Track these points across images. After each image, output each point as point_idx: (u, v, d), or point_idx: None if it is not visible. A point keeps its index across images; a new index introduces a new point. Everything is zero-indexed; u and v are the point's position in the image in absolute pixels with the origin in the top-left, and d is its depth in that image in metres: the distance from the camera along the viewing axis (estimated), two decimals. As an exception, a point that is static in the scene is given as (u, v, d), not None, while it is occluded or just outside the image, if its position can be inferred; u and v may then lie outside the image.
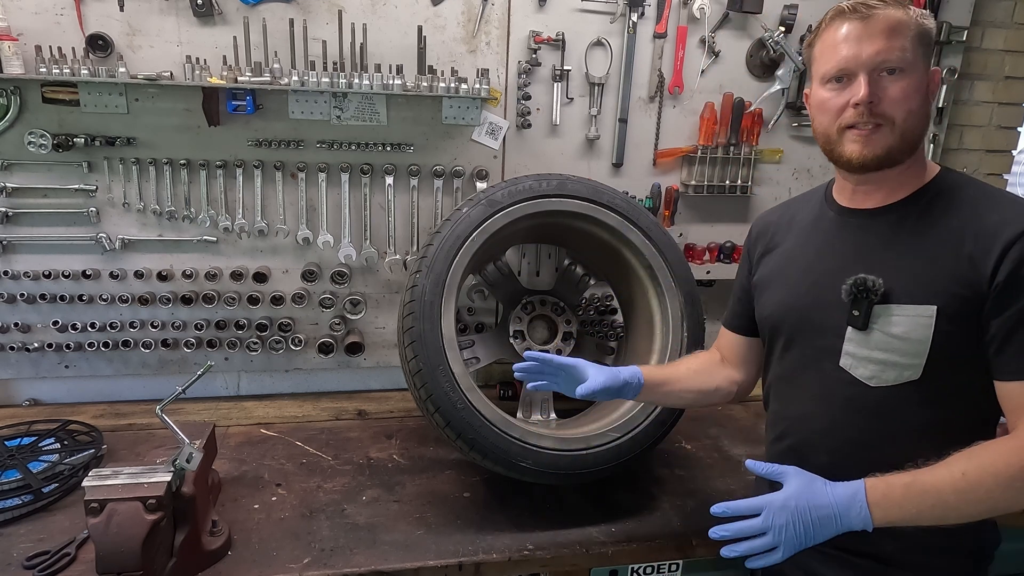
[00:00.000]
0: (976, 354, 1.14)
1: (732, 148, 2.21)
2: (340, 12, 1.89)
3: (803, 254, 1.35)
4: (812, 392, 1.31)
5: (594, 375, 1.38)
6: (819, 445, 1.28)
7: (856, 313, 1.20)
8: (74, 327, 2.00)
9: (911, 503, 1.10)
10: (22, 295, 1.95)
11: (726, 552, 1.17)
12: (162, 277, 2.01)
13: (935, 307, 1.13)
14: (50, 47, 1.77)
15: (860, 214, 1.26)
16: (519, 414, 1.94)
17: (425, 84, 1.92)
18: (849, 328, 1.22)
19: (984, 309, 1.11)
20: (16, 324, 1.98)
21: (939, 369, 1.16)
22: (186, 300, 2.03)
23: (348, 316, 2.17)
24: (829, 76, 1.19)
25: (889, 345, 1.18)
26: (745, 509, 1.17)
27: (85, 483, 1.32)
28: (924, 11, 1.20)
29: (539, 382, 1.44)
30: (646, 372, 1.43)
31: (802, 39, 2.14)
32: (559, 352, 2.01)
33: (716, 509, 1.18)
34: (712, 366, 1.55)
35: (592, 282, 2.13)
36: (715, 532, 1.18)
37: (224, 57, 1.86)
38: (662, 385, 1.46)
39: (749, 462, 1.25)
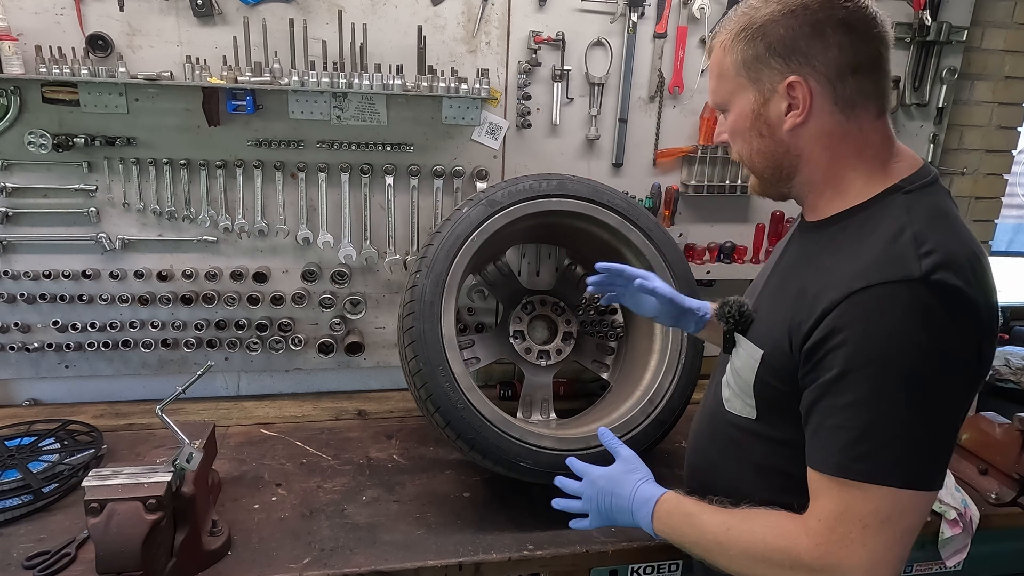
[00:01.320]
0: None
1: (732, 148, 2.21)
2: (340, 12, 1.89)
3: (769, 260, 1.32)
4: (704, 398, 1.35)
5: (662, 286, 1.41)
6: (690, 453, 1.34)
7: (725, 335, 1.21)
8: (74, 327, 2.00)
9: (682, 532, 1.11)
10: (22, 295, 1.95)
11: (554, 503, 1.26)
12: (162, 277, 2.01)
13: (762, 352, 1.09)
14: (50, 47, 1.77)
15: (801, 227, 1.18)
16: (519, 414, 1.94)
17: (425, 84, 1.92)
18: None
19: (798, 374, 1.01)
20: (16, 324, 1.98)
21: (772, 414, 1.11)
22: (186, 300, 2.03)
23: (348, 316, 2.17)
24: None
25: (733, 375, 1.17)
26: (575, 471, 1.26)
27: (85, 483, 1.32)
28: (748, 26, 1.02)
29: (611, 294, 1.48)
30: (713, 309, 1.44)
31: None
32: (559, 352, 2.01)
33: (568, 461, 1.29)
34: None
35: (592, 282, 2.13)
36: (557, 480, 1.27)
37: (224, 57, 1.86)
38: None
39: (601, 430, 1.32)
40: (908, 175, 1.02)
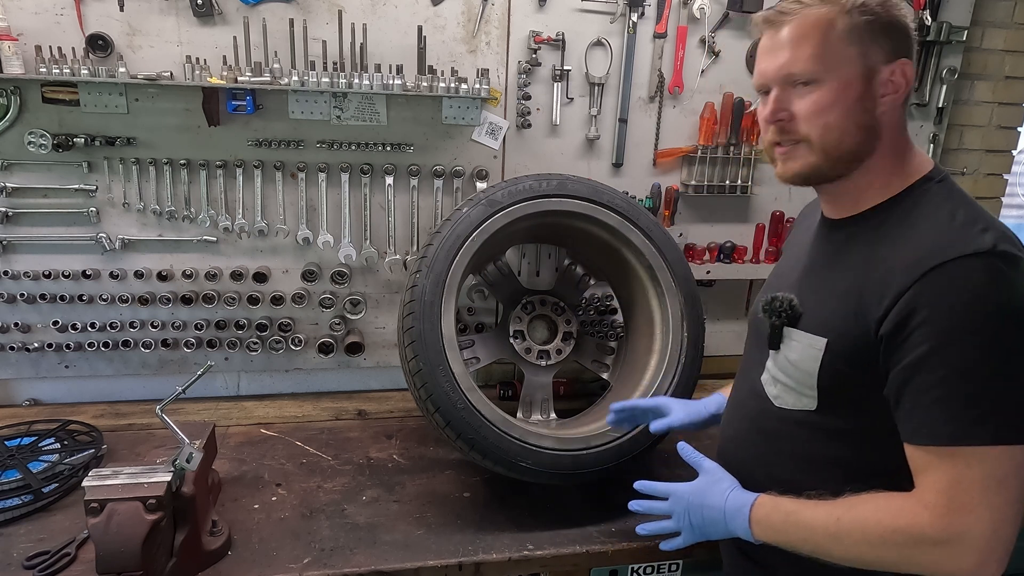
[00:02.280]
0: (881, 398, 1.06)
1: (732, 148, 2.21)
2: (340, 12, 1.89)
3: (787, 260, 1.34)
4: (738, 399, 1.34)
5: (676, 410, 1.47)
6: (729, 453, 1.31)
7: (770, 331, 1.19)
8: (74, 327, 2.00)
9: (787, 532, 1.11)
10: (22, 295, 1.95)
11: (640, 529, 1.28)
12: (162, 277, 2.01)
13: (825, 340, 1.09)
14: (50, 47, 1.77)
15: (827, 225, 1.21)
16: (519, 414, 1.94)
17: (425, 84, 1.92)
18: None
19: (879, 357, 1.03)
20: (16, 324, 1.98)
21: (835, 404, 1.11)
22: (186, 300, 2.03)
23: (348, 316, 2.17)
24: (757, 91, 1.16)
25: (787, 370, 1.16)
26: (657, 492, 1.26)
27: (85, 483, 1.32)
28: (868, 3, 1.05)
29: (633, 427, 1.55)
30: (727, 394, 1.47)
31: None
32: (559, 352, 2.01)
33: (637, 484, 1.28)
34: None
35: (592, 282, 2.13)
36: (632, 505, 1.28)
37: (224, 57, 1.86)
38: None
39: (679, 444, 1.30)
40: (931, 168, 1.11)
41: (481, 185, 2.09)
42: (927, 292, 0.96)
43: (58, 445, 1.80)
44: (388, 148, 2.04)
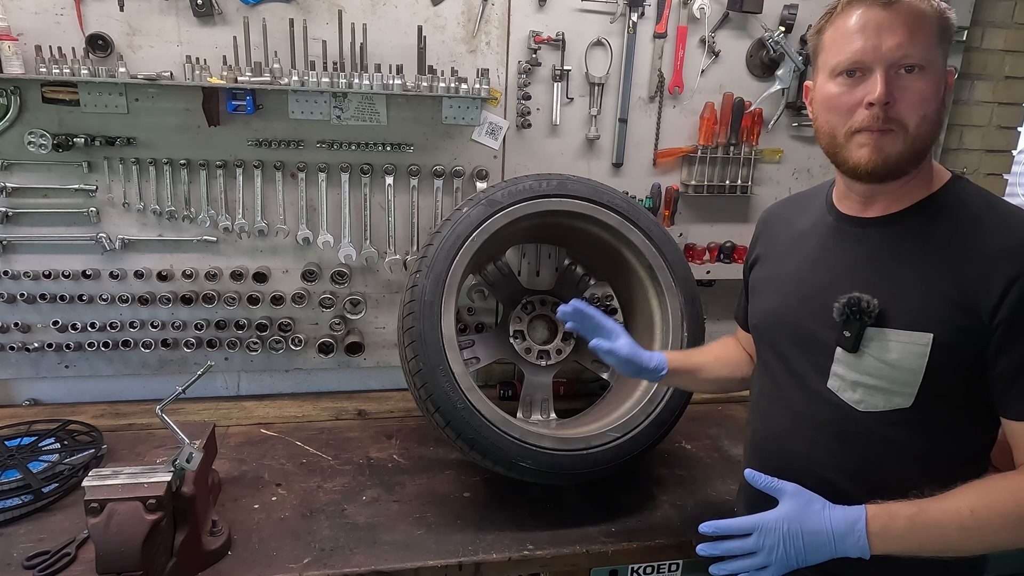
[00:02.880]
0: (972, 384, 1.08)
1: (732, 148, 2.21)
2: (340, 12, 1.89)
3: (796, 262, 1.27)
4: (795, 411, 1.24)
5: (622, 343, 1.38)
6: (800, 469, 1.20)
7: (847, 334, 1.12)
8: (74, 327, 2.00)
9: (913, 537, 1.06)
10: (22, 295, 1.95)
11: (716, 570, 1.16)
12: (162, 277, 2.01)
13: (931, 335, 1.06)
14: (50, 47, 1.77)
15: (859, 223, 1.18)
16: (519, 414, 1.94)
17: (425, 84, 1.92)
18: (839, 349, 1.15)
19: (987, 343, 1.04)
20: (16, 324, 1.98)
21: (932, 398, 1.09)
22: (186, 300, 2.03)
23: (348, 316, 2.17)
24: (841, 69, 1.07)
25: (880, 371, 1.11)
26: (736, 529, 1.14)
27: (85, 483, 1.32)
28: (945, 3, 1.08)
29: (576, 327, 1.40)
30: (672, 359, 1.43)
31: (802, 39, 2.14)
32: (559, 352, 2.01)
33: (705, 528, 1.16)
34: (736, 353, 1.53)
35: (592, 282, 2.13)
36: (704, 549, 1.16)
37: (224, 57, 1.86)
38: (690, 372, 1.48)
39: (748, 472, 1.21)
40: (948, 169, 1.18)
41: (481, 185, 2.09)
42: None
43: (58, 445, 1.80)
44: (388, 148, 2.04)
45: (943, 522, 1.04)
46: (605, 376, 2.08)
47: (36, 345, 2.00)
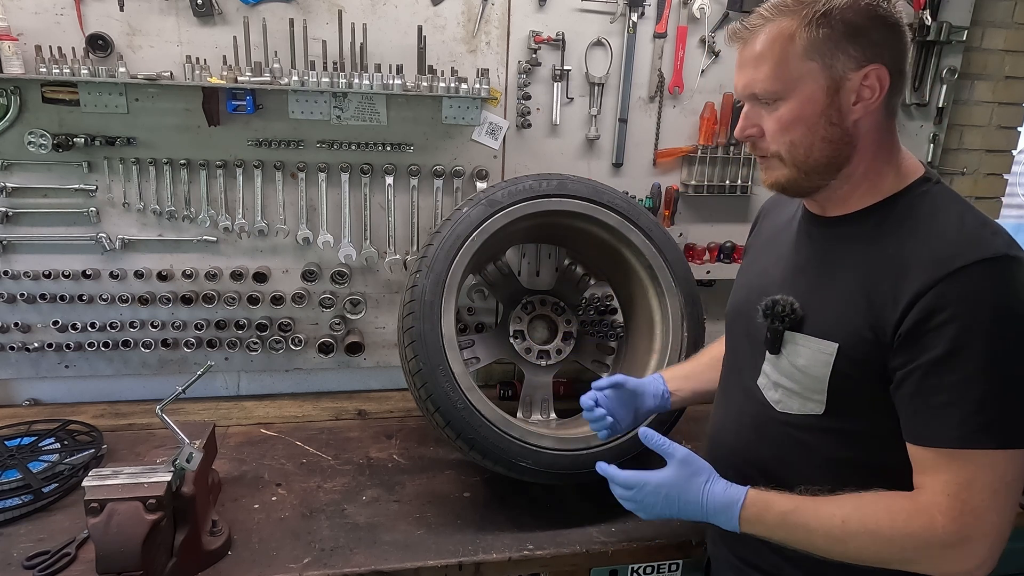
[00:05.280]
0: (880, 398, 1.05)
1: (732, 148, 2.21)
2: (340, 12, 1.89)
3: (765, 255, 1.29)
4: (733, 405, 1.29)
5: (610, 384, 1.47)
6: (727, 461, 1.25)
7: (768, 336, 1.15)
8: (74, 327, 2.00)
9: (781, 531, 1.09)
10: (22, 295, 1.95)
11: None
12: (162, 277, 2.01)
13: (837, 345, 1.05)
14: (50, 47, 1.77)
15: (818, 223, 1.17)
16: (519, 414, 1.94)
17: (425, 84, 1.92)
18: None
19: (889, 358, 1.02)
20: (16, 324, 1.98)
21: (844, 407, 1.09)
22: (186, 300, 2.03)
23: (348, 316, 2.17)
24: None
25: (793, 375, 1.12)
26: (622, 481, 1.22)
27: (85, 483, 1.32)
28: (831, 11, 0.99)
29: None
30: (673, 392, 1.49)
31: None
32: (559, 352, 2.01)
33: (598, 469, 1.26)
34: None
35: (592, 282, 2.13)
36: (607, 479, 1.25)
37: (224, 57, 1.86)
38: (695, 394, 1.52)
39: (642, 430, 1.26)
40: (923, 171, 1.09)
41: (481, 185, 2.09)
42: (951, 293, 0.95)
43: (58, 445, 1.80)
44: (388, 148, 2.04)
45: (812, 525, 1.06)
46: (605, 376, 2.08)
47: (36, 345, 2.00)
